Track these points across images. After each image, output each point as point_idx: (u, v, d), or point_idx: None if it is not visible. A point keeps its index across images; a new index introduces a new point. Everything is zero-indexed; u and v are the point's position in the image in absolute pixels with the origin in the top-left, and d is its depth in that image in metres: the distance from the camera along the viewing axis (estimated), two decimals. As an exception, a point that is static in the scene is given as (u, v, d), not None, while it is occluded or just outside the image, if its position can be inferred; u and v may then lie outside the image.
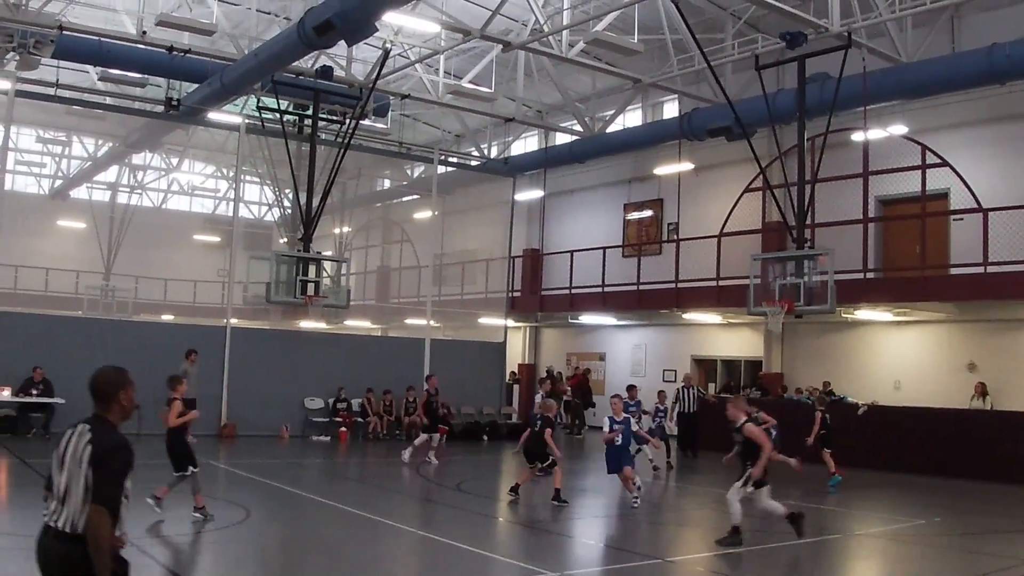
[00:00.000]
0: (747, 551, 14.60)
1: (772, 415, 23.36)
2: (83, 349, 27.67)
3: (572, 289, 37.10)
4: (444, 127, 43.05)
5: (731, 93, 26.67)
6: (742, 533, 14.05)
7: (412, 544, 13.33)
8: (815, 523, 17.59)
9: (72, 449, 6.25)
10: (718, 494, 21.39)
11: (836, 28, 24.45)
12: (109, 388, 6.64)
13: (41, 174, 55.55)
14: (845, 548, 15.81)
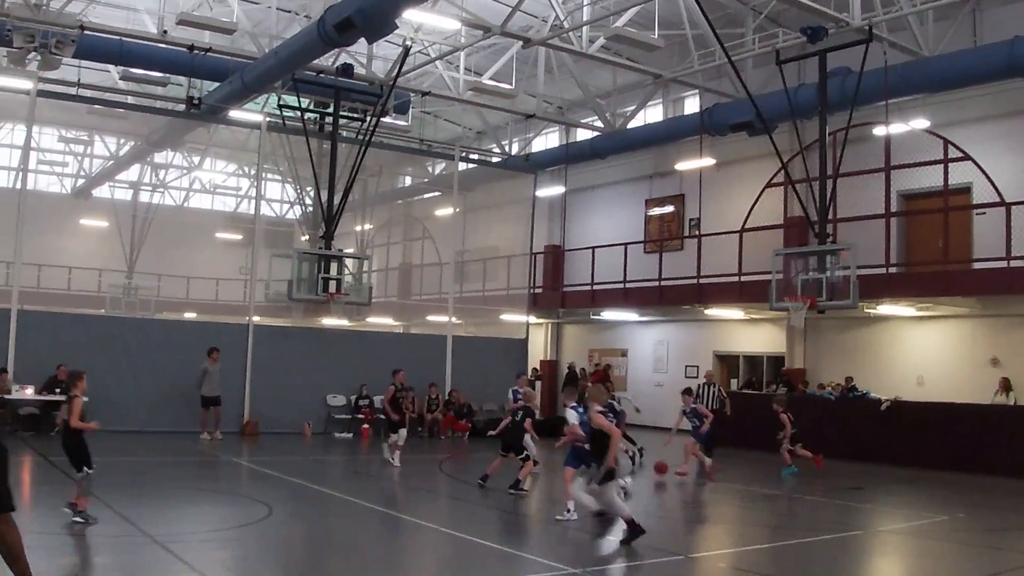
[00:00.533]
0: (770, 547, 14.59)
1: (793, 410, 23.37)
2: (106, 347, 27.84)
3: (594, 285, 37.04)
4: (465, 124, 43.06)
5: (752, 88, 26.57)
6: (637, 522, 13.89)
7: (434, 541, 13.34)
8: (839, 520, 17.57)
9: None
10: (741, 491, 21.43)
11: (857, 22, 24.33)
12: None
13: (64, 173, 55.69)
14: (868, 544, 15.74)
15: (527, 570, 12.77)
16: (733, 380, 35.14)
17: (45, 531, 13.83)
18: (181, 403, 27.66)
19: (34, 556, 11.41)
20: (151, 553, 12.38)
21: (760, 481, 23.09)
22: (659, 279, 34.17)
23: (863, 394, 28.56)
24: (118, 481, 18.52)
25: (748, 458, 27.44)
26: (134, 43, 29.31)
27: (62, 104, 35.05)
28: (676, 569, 13.01)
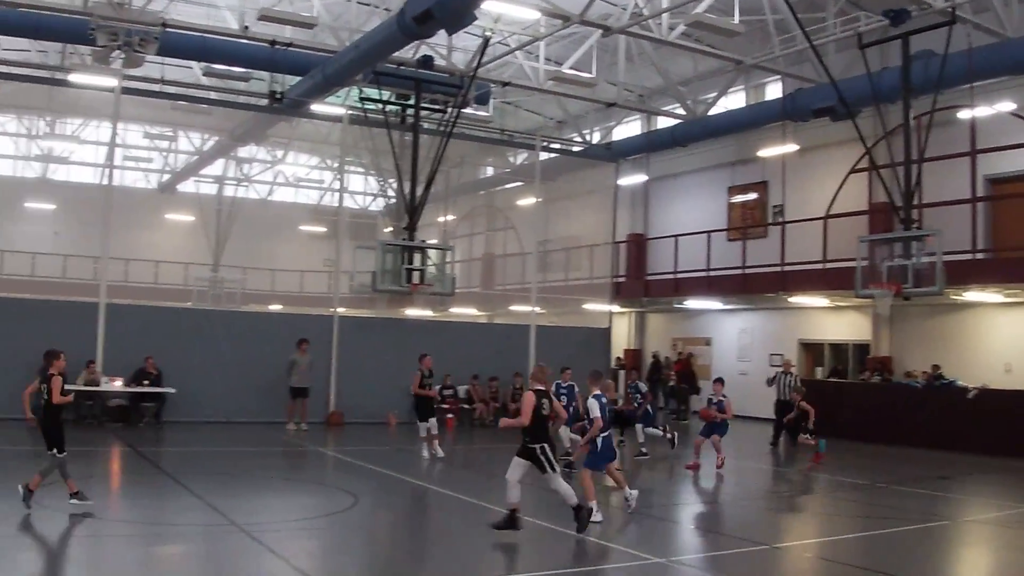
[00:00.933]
0: (856, 537, 14.46)
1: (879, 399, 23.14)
2: (193, 340, 28.22)
3: (677, 274, 36.95)
4: (546, 113, 43.05)
5: (834, 72, 26.31)
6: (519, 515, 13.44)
7: (522, 530, 13.35)
8: (925, 509, 17.40)
9: None
10: (825, 479, 21.26)
11: (940, 4, 23.96)
12: None
13: (149, 169, 56.53)
14: (954, 534, 15.60)
15: (613, 560, 12.79)
16: (818, 368, 34.84)
17: (138, 520, 14.08)
18: (267, 394, 27.94)
19: (129, 545, 11.63)
20: (238, 542, 12.54)
21: (844, 470, 22.86)
22: (743, 267, 34.02)
23: (950, 382, 28.17)
24: (205, 471, 18.78)
25: (832, 447, 27.16)
26: (216, 39, 29.61)
27: (146, 101, 35.49)
28: (761, 559, 12.95)
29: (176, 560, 12.24)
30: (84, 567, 10.81)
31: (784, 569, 12.85)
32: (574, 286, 40.74)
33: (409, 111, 30.95)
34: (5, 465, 18.81)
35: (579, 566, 12.31)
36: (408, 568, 12.17)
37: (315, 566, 12.02)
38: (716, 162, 38.24)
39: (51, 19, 28.08)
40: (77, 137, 51.27)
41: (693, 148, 36.81)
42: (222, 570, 11.58)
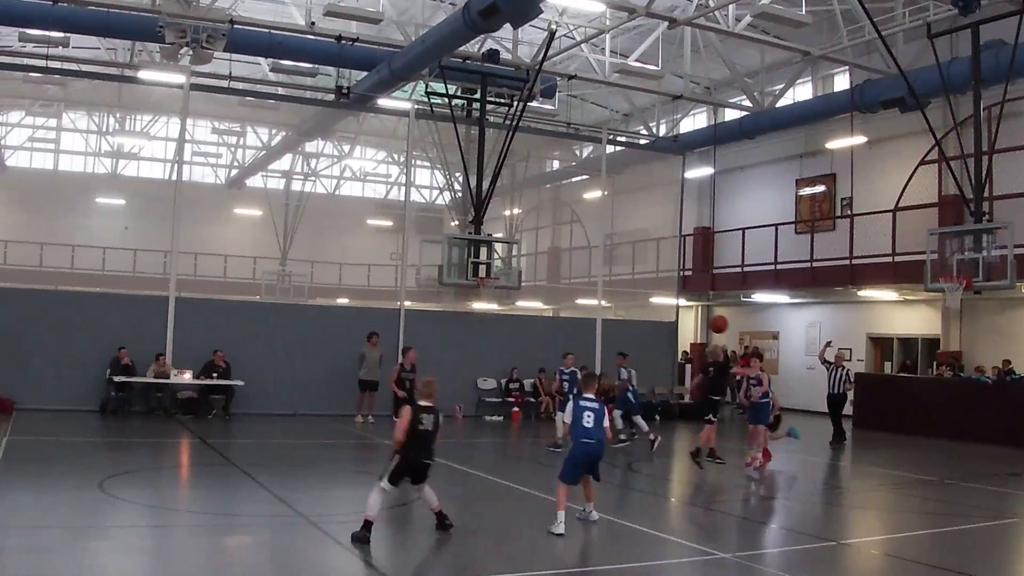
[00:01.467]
0: (924, 534, 14.33)
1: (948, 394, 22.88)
2: (261, 333, 28.45)
3: (744, 267, 36.76)
4: (612, 106, 42.94)
5: (903, 63, 26.06)
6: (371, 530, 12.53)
7: (585, 524, 13.34)
8: (995, 506, 17.20)
9: None
10: (892, 475, 21.08)
11: (1011, -8, 23.71)
12: None
13: (217, 164, 57.16)
14: (1023, 532, 15.40)
15: (677, 554, 12.73)
16: (887, 363, 34.53)
17: (206, 510, 14.21)
18: (333, 387, 28.08)
19: (198, 534, 11.74)
20: (305, 533, 12.62)
21: (911, 466, 22.67)
22: (811, 260, 33.76)
23: (1021, 377, 27.82)
24: (273, 463, 18.92)
25: (899, 442, 26.97)
26: (283, 35, 29.88)
27: (214, 97, 35.91)
28: (828, 555, 12.84)
29: (243, 551, 12.34)
30: (153, 556, 10.92)
31: (851, 566, 12.73)
32: (640, 280, 40.67)
33: (475, 105, 31.04)
34: (84, 456, 19.06)
35: (643, 561, 12.26)
36: (472, 560, 12.18)
37: (380, 557, 12.06)
38: (784, 154, 37.96)
39: (120, 17, 28.41)
40: (146, 133, 51.95)
41: (760, 140, 36.58)
42: (289, 561, 11.64)
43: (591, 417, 13.15)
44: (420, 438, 12.87)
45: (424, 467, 12.95)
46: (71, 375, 26.01)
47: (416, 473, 12.93)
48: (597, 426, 13.21)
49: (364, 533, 12.12)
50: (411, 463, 12.88)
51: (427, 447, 13.00)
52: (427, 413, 13.02)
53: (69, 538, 11.93)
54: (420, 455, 12.94)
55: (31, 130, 53.39)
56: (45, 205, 47.65)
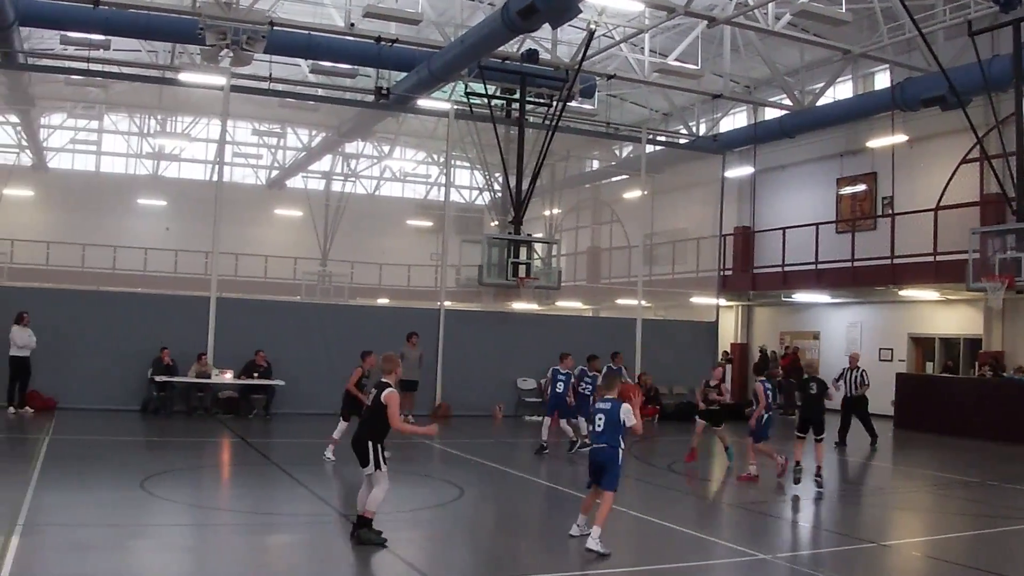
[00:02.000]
0: (966, 535, 14.25)
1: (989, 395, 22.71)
2: (302, 333, 28.58)
3: (785, 267, 36.57)
4: (651, 106, 42.85)
5: (944, 61, 25.91)
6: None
7: (624, 524, 13.33)
8: None
9: None
10: (934, 477, 20.96)
11: (1054, -11, 23.50)
12: None
13: (258, 165, 57.47)
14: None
15: (717, 555, 12.72)
16: (929, 363, 34.30)
17: (241, 509, 14.28)
18: (368, 386, 28.17)
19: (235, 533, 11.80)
20: (345, 531, 12.65)
21: (952, 467, 22.54)
22: (852, 259, 33.56)
23: (1064, 378, 27.64)
24: (314, 462, 18.99)
25: (940, 443, 26.81)
26: (322, 37, 30.00)
27: (255, 98, 36.05)
28: (868, 556, 12.80)
29: (283, 549, 12.41)
30: (194, 555, 11.00)
31: (892, 567, 12.68)
32: (680, 279, 40.57)
33: (514, 105, 31.08)
34: (126, 455, 19.19)
35: (683, 562, 12.25)
36: (513, 560, 12.21)
37: (421, 557, 12.11)
38: (824, 153, 37.74)
39: (161, 19, 28.63)
40: (187, 135, 52.28)
41: (801, 139, 36.39)
42: (330, 559, 11.70)
43: (601, 420, 12.53)
44: (362, 412, 12.36)
45: (354, 447, 12.25)
46: (113, 375, 26.22)
47: (355, 453, 12.27)
48: (608, 431, 12.44)
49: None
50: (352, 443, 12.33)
51: (361, 424, 12.50)
52: (377, 388, 12.36)
53: (111, 536, 12.03)
54: (355, 436, 12.36)
55: (73, 132, 53.75)
56: (87, 206, 47.98)
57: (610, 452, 12.38)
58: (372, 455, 12.00)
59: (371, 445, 12.01)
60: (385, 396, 12.06)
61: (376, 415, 12.12)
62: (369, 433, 12.10)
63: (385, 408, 11.98)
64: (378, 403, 12.09)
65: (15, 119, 46.57)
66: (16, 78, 36.55)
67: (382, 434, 12.09)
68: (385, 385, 12.19)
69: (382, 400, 12.04)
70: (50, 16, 29.09)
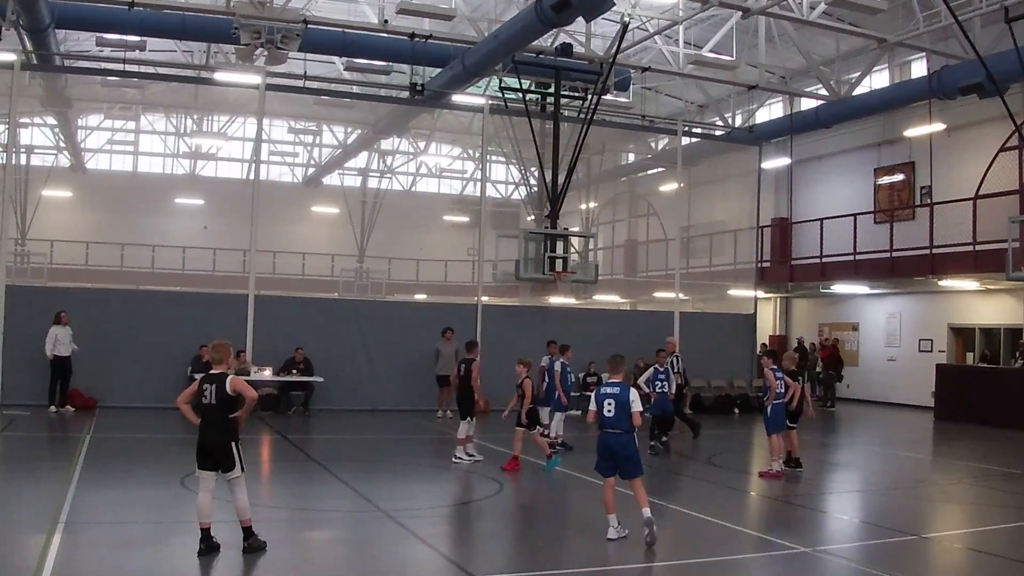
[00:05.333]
0: (1009, 528, 14.14)
1: None
2: (340, 329, 28.67)
3: (823, 258, 36.38)
4: (686, 98, 42.74)
5: (981, 48, 25.69)
6: None
7: (663, 517, 13.29)
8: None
9: None
10: (976, 468, 20.81)
11: (1093, -26, 23.28)
12: None
13: (294, 163, 57.60)
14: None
15: (757, 548, 12.69)
16: (969, 354, 34.07)
17: (281, 505, 14.34)
18: (413, 382, 28.25)
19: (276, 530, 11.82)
20: (385, 527, 12.69)
21: (994, 458, 22.37)
22: (890, 250, 33.34)
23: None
24: (353, 458, 19.06)
25: (981, 434, 26.62)
26: (356, 34, 30.08)
27: (290, 96, 36.22)
28: (909, 549, 12.73)
29: (324, 545, 12.47)
30: (234, 551, 11.02)
31: (933, 560, 12.61)
32: (718, 272, 40.41)
33: (549, 99, 31.04)
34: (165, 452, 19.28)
35: (723, 555, 12.22)
36: (552, 555, 12.19)
37: (460, 552, 12.13)
38: (861, 143, 37.52)
39: (195, 20, 28.80)
40: (224, 134, 52.44)
41: (837, 129, 36.22)
42: (368, 555, 11.73)
43: (611, 405, 12.32)
44: (204, 414, 11.41)
45: (208, 450, 11.22)
46: (153, 373, 26.37)
47: (207, 458, 11.21)
48: (620, 414, 12.28)
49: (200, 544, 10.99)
50: (198, 445, 11.30)
51: (212, 425, 11.31)
52: (210, 383, 11.41)
53: (152, 533, 12.10)
54: (201, 435, 11.31)
55: (110, 133, 54.04)
56: (125, 206, 48.17)
57: (625, 438, 12.36)
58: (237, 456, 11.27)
59: (234, 446, 11.30)
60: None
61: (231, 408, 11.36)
62: (233, 433, 11.37)
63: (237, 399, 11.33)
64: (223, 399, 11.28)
65: (53, 121, 46.82)
66: (53, 80, 36.75)
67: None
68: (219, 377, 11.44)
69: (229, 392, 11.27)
70: (86, 18, 29.28)
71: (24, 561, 10.46)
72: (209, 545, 10.92)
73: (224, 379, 11.35)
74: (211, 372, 11.52)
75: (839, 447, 25.17)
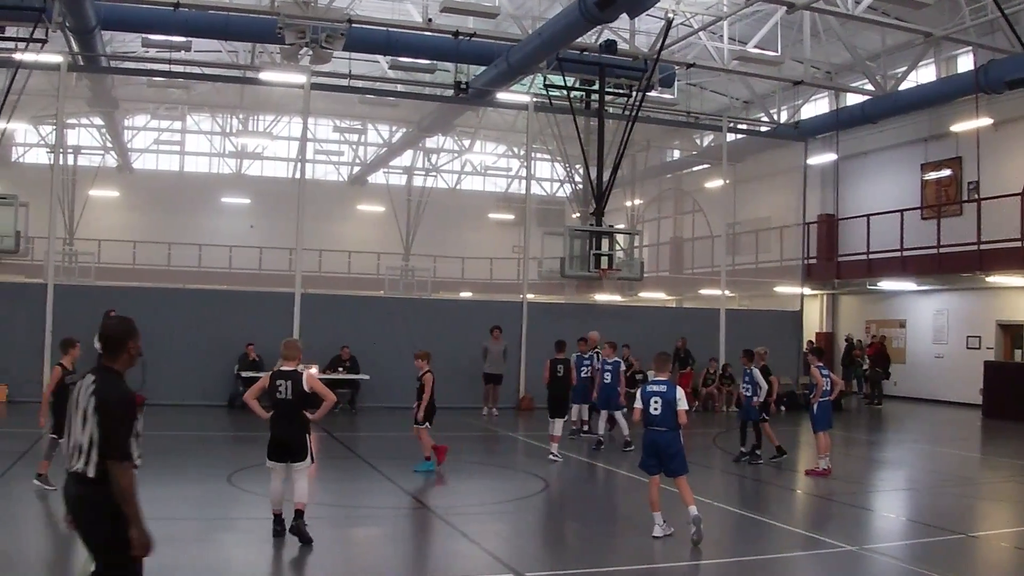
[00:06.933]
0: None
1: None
2: (386, 327, 28.79)
3: (870, 254, 36.15)
4: (731, 94, 42.62)
5: (1029, 42, 25.51)
6: None
7: (709, 515, 13.27)
8: None
9: (80, 400, 6.61)
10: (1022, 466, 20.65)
11: None
12: (118, 338, 6.80)
13: (339, 162, 57.84)
14: None
15: (803, 546, 12.64)
16: (1017, 351, 33.76)
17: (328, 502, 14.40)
18: (458, 380, 28.21)
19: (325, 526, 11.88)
20: (430, 524, 12.77)
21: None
22: (937, 246, 33.08)
23: None
24: (399, 455, 19.11)
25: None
26: (400, 33, 30.19)
27: (335, 96, 36.37)
28: (956, 548, 12.66)
29: (370, 541, 12.53)
30: (281, 548, 11.11)
31: (980, 559, 12.55)
32: (764, 269, 40.23)
33: (593, 96, 31.04)
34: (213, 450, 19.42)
35: (770, 553, 12.20)
36: (597, 553, 12.19)
37: (505, 549, 12.14)
38: (908, 138, 37.26)
39: (240, 20, 28.99)
40: (269, 133, 52.77)
41: (883, 124, 36.00)
42: (414, 551, 11.79)
43: (658, 403, 12.35)
44: (277, 408, 12.04)
45: (283, 443, 11.85)
46: (200, 371, 26.56)
47: (281, 450, 11.84)
48: (666, 412, 12.31)
49: (274, 526, 11.72)
50: (272, 438, 11.96)
51: (287, 419, 12.00)
52: (284, 379, 12.13)
53: (199, 530, 12.21)
54: (276, 428, 11.96)
55: (156, 133, 54.44)
56: (172, 206, 48.48)
57: (671, 435, 12.38)
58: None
59: (307, 439, 12.08)
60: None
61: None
62: (307, 426, 12.15)
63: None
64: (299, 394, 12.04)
65: (99, 121, 47.17)
66: (100, 81, 37.00)
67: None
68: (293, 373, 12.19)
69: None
70: (131, 19, 29.52)
71: (70, 558, 10.58)
72: (280, 528, 11.59)
73: (300, 376, 12.10)
74: (283, 369, 12.22)
75: (886, 444, 25.04)
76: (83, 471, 6.51)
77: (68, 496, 6.71)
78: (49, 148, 31.41)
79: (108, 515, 6.49)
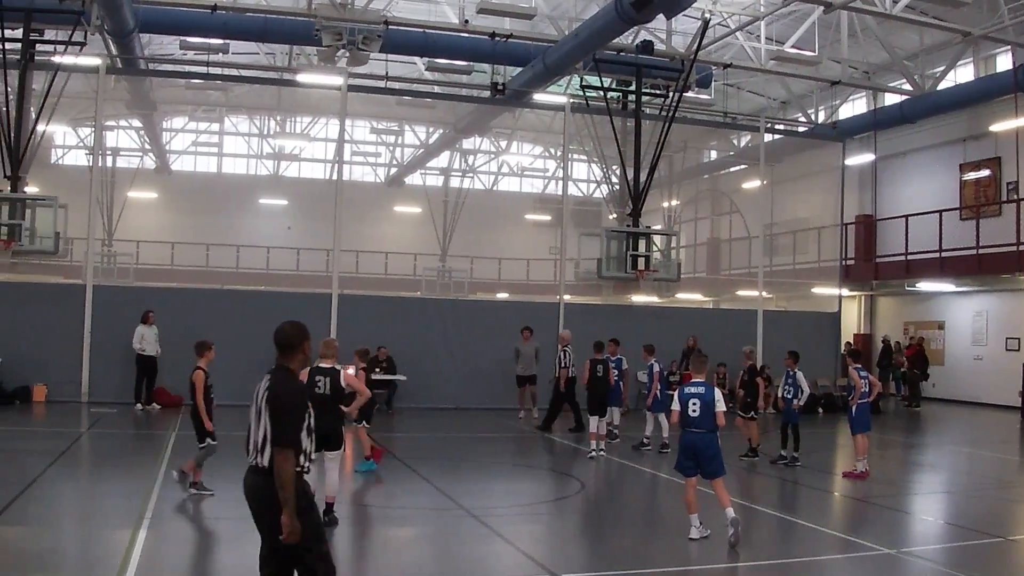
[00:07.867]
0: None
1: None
2: (423, 328, 28.81)
3: (908, 255, 35.94)
4: (769, 94, 42.48)
5: (1069, 41, 25.32)
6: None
7: (745, 517, 13.23)
8: None
9: (256, 399, 7.35)
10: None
11: None
12: (294, 340, 7.46)
13: (377, 163, 58.00)
14: None
15: (840, 549, 12.60)
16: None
17: (364, 502, 14.43)
18: (495, 381, 28.28)
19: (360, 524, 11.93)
20: (467, 525, 12.77)
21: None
22: (976, 247, 32.86)
23: None
24: (435, 456, 19.16)
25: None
26: (437, 34, 30.29)
27: (372, 97, 36.47)
28: (994, 552, 12.58)
29: (406, 542, 12.57)
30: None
31: (1019, 563, 12.47)
32: (801, 270, 40.05)
33: (630, 97, 31.03)
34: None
35: (806, 556, 12.16)
36: (633, 554, 12.19)
37: (541, 551, 12.15)
38: (946, 138, 36.99)
39: (277, 22, 29.15)
40: (307, 135, 52.95)
41: (922, 125, 35.80)
42: (451, 552, 11.81)
43: (696, 405, 12.29)
44: (317, 403, 11.47)
45: (322, 435, 11.20)
46: (237, 371, 26.52)
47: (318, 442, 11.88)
48: (704, 414, 12.25)
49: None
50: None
51: (326, 413, 12.38)
52: (323, 375, 13.08)
53: (235, 529, 12.22)
54: (316, 421, 11.83)
55: (195, 135, 54.76)
56: (210, 207, 48.74)
57: (709, 437, 12.35)
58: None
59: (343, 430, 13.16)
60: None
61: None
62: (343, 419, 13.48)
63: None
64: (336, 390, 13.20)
65: (138, 123, 47.45)
66: (138, 83, 37.21)
67: None
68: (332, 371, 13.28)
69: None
70: (169, 22, 29.73)
71: (110, 556, 10.66)
72: (331, 519, 12.20)
73: (337, 373, 13.23)
74: (321, 365, 13.23)
75: (924, 447, 24.90)
76: (260, 463, 7.25)
77: (247, 487, 7.48)
78: (88, 150, 31.67)
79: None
